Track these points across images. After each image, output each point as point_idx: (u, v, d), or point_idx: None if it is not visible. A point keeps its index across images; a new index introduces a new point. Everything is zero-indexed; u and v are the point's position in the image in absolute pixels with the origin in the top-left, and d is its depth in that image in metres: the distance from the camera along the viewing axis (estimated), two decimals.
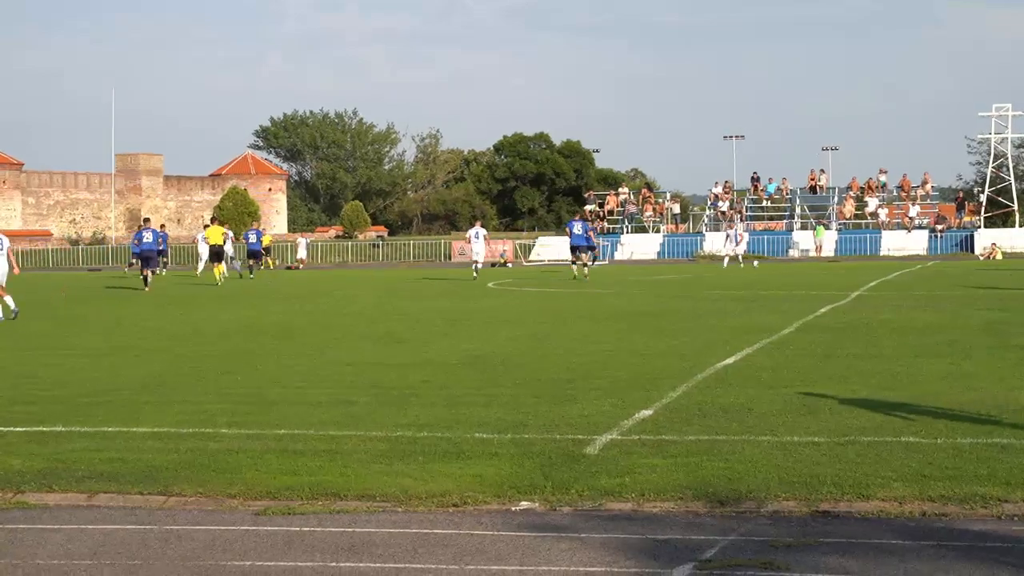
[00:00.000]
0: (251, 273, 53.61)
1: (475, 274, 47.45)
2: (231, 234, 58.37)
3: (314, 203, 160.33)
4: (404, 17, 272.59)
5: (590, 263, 48.57)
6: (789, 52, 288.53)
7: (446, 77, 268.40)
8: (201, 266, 57.70)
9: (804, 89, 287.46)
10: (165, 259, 56.87)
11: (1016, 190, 78.77)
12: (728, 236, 62.43)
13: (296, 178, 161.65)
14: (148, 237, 43.38)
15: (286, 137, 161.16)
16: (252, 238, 55.49)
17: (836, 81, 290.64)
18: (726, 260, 59.79)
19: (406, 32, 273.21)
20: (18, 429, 12.16)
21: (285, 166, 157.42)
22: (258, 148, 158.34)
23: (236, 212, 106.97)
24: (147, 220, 49.84)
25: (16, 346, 21.30)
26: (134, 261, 51.91)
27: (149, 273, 42.38)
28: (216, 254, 49.55)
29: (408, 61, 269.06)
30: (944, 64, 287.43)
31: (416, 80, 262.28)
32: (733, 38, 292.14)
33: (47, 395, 14.67)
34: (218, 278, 47.55)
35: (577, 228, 47.14)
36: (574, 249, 47.38)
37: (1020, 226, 77.42)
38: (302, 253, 78.29)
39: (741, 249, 61.60)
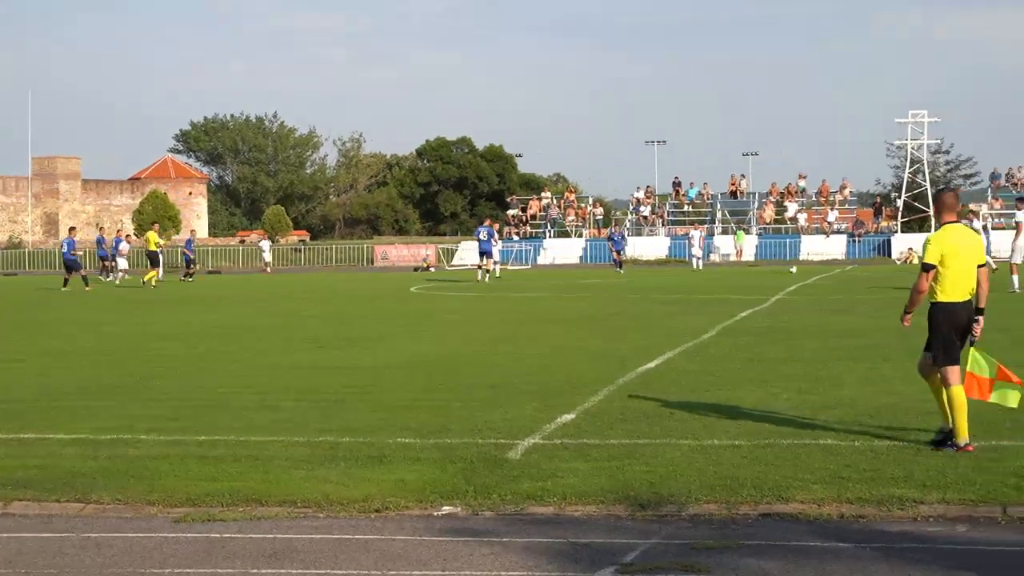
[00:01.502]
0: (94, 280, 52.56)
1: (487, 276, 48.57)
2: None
3: (235, 207, 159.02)
4: (322, 17, 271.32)
5: (493, 268, 50.27)
6: (710, 57, 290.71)
7: (368, 82, 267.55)
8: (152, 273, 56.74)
9: (725, 94, 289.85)
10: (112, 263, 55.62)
11: (932, 195, 79.87)
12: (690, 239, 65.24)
13: (217, 182, 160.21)
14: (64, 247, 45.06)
15: (207, 141, 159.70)
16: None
17: (757, 87, 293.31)
18: (697, 262, 62.05)
19: (328, 35, 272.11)
20: None
21: (206, 170, 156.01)
22: (178, 152, 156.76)
23: (156, 216, 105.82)
24: (72, 229, 50.12)
25: None
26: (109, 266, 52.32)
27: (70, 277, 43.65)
28: (151, 259, 49.70)
29: (329, 65, 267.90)
30: (862, 70, 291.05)
31: (338, 84, 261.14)
32: (655, 42, 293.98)
33: None
34: (154, 281, 47.66)
35: (483, 234, 49.15)
36: (483, 254, 49.11)
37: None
38: (267, 257, 75.24)
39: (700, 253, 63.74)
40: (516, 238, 79.48)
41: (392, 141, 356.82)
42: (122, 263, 54.15)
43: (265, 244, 78.03)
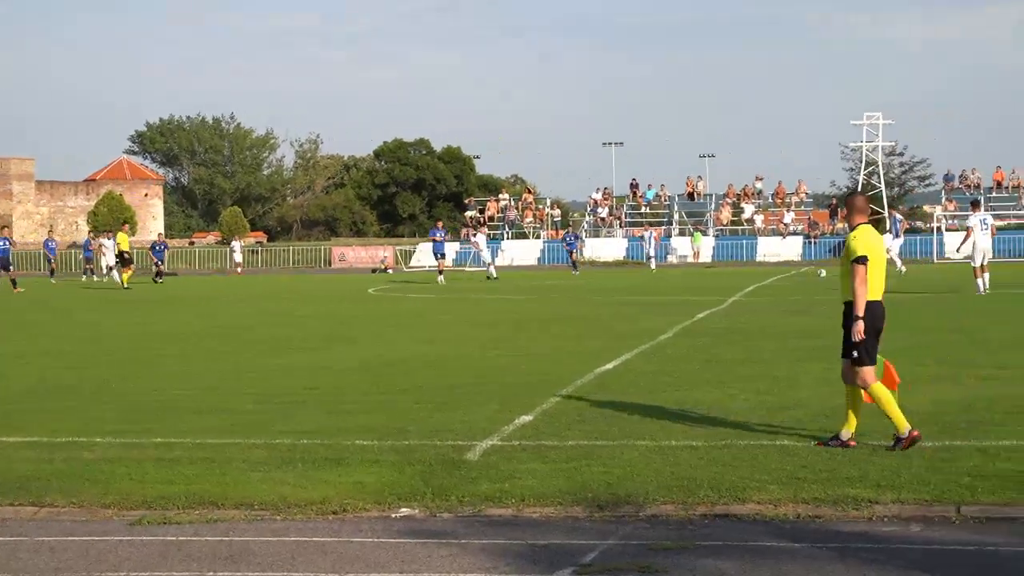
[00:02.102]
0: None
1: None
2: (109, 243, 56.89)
3: (192, 209, 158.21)
4: (275, 18, 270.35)
5: (488, 269, 51.85)
6: (667, 58, 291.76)
7: (325, 82, 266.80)
8: (116, 274, 56.11)
9: (682, 96, 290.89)
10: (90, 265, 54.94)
11: (887, 197, 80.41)
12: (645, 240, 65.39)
13: (173, 183, 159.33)
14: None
15: (162, 142, 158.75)
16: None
17: (713, 88, 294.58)
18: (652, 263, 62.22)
19: (284, 35, 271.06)
20: None
21: (162, 171, 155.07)
22: (133, 153, 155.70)
23: (111, 218, 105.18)
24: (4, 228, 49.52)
25: None
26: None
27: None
28: (123, 259, 49.35)
29: (287, 66, 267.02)
30: (818, 73, 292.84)
31: (295, 85, 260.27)
32: (612, 43, 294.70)
33: None
34: (125, 283, 47.44)
35: (439, 236, 50.17)
36: (439, 255, 50.06)
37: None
38: (238, 258, 73.29)
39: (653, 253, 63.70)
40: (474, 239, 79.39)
41: (349, 142, 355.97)
42: (111, 259, 53.49)
43: (236, 245, 76.15)
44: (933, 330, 21.63)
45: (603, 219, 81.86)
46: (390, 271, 68.27)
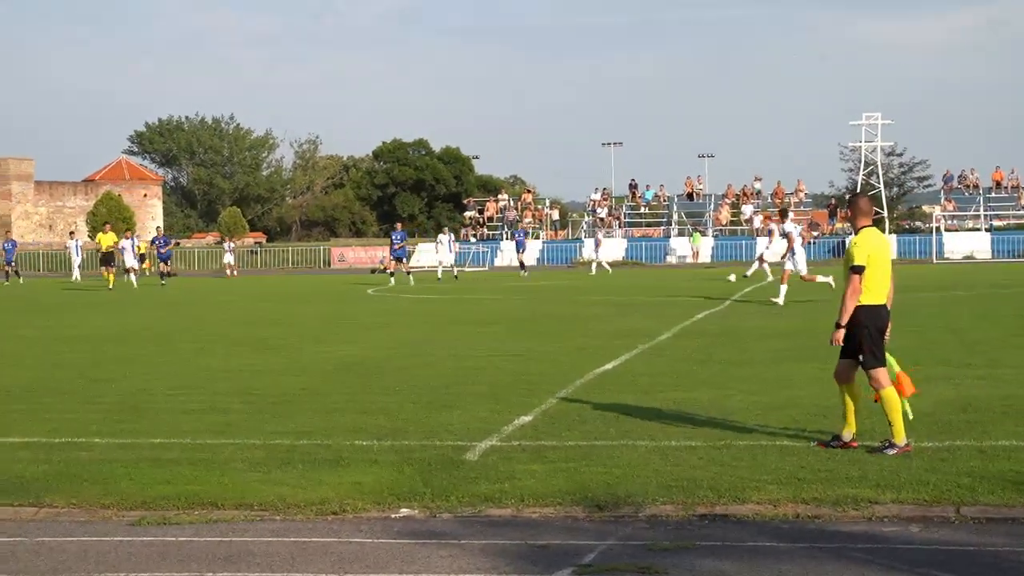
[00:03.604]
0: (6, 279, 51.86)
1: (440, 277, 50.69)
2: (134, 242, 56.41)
3: (191, 209, 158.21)
4: (278, 18, 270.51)
5: (449, 270, 52.17)
6: (666, 58, 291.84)
7: (324, 83, 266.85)
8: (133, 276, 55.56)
9: (681, 96, 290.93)
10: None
11: (886, 197, 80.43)
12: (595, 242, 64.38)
13: (172, 184, 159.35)
14: None
15: (161, 142, 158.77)
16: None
17: (712, 88, 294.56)
18: (594, 266, 60.69)
19: (283, 36, 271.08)
20: None
21: (161, 171, 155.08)
22: (133, 153, 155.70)
23: (110, 218, 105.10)
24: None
25: None
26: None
27: None
28: (106, 259, 49.21)
29: (285, 66, 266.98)
30: (817, 72, 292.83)
31: (294, 85, 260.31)
32: (611, 43, 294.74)
33: None
34: (112, 284, 47.34)
35: (398, 238, 50.32)
36: (399, 259, 50.21)
37: (890, 232, 79.11)
38: (229, 258, 70.53)
39: (601, 255, 62.58)
40: (473, 240, 79.40)
41: (348, 143, 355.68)
42: (130, 261, 52.96)
43: (227, 245, 74.05)
44: (929, 330, 21.63)
45: (602, 219, 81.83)
46: (389, 272, 68.20)
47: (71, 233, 65.65)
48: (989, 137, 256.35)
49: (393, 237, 50.45)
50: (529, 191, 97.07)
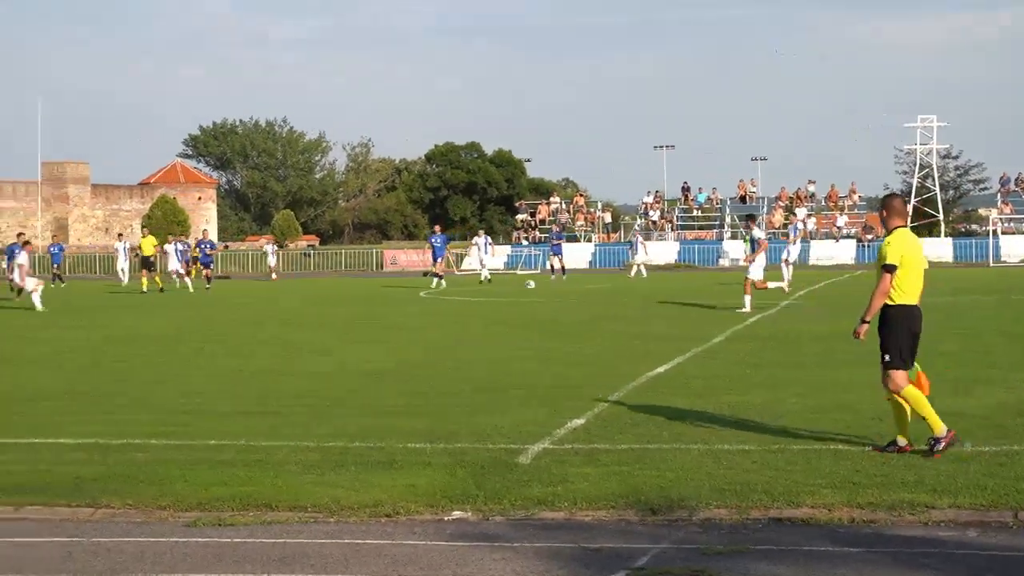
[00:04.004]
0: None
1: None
2: (180, 246, 56.34)
3: (244, 212, 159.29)
4: (335, 24, 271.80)
5: (483, 272, 51.77)
6: (719, 61, 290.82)
7: (377, 86, 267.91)
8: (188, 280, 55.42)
9: (734, 99, 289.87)
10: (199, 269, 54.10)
11: (941, 200, 79.86)
12: (631, 245, 64.23)
13: (226, 187, 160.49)
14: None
15: (216, 145, 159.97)
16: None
17: (765, 91, 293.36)
18: (633, 270, 60.54)
19: (336, 39, 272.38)
20: None
21: (215, 175, 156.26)
22: (187, 157, 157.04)
23: (165, 221, 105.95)
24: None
25: None
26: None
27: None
28: (146, 264, 49.34)
29: (338, 69, 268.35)
30: (872, 74, 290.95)
31: (347, 89, 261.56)
32: (664, 45, 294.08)
33: None
34: (146, 287, 47.57)
35: (438, 241, 50.02)
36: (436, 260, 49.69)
37: (945, 236, 78.47)
38: (272, 261, 68.20)
39: (639, 258, 62.14)
40: (525, 243, 79.42)
41: (401, 146, 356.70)
42: (173, 264, 52.83)
43: (269, 248, 72.68)
44: (984, 333, 21.44)
45: (655, 222, 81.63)
46: (436, 274, 68.31)
47: (119, 235, 65.85)
48: None
49: (432, 240, 50.53)
50: (581, 194, 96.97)
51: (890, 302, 10.74)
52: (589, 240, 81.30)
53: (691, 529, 8.43)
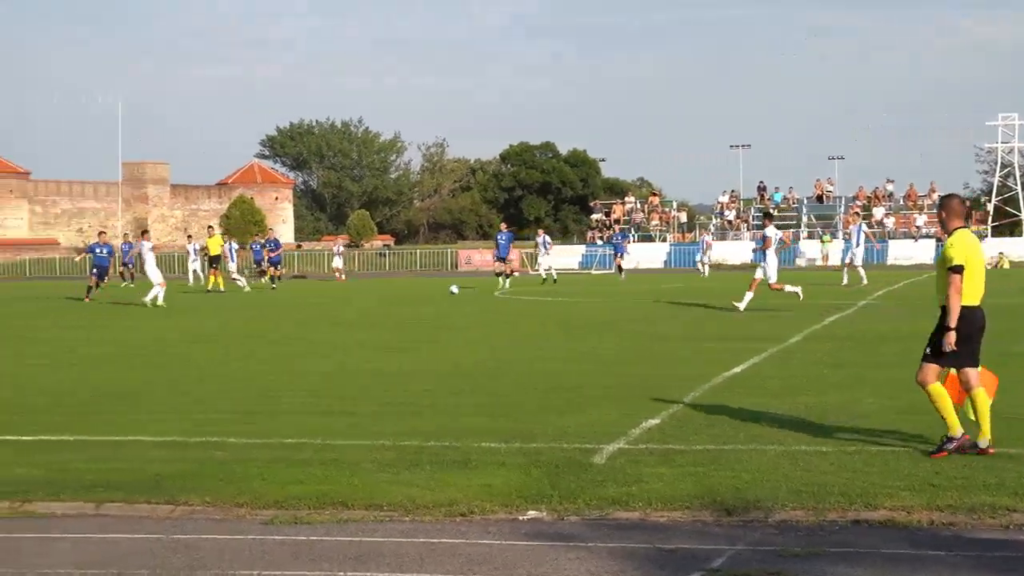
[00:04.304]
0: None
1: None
2: (234, 245, 56.67)
3: (320, 212, 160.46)
4: (410, 23, 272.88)
5: (510, 273, 50.37)
6: (796, 60, 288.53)
7: (452, 86, 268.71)
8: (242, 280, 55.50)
9: (810, 98, 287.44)
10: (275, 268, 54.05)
11: (1023, 199, 78.70)
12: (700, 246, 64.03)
13: (302, 187, 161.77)
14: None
15: (292, 146, 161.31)
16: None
17: (842, 89, 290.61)
18: (706, 269, 60.57)
19: (412, 40, 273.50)
20: (25, 438, 12.18)
21: (291, 175, 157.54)
22: (264, 157, 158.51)
23: (243, 221, 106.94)
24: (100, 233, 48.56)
25: (19, 353, 21.33)
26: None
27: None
28: (213, 262, 49.71)
29: (414, 69, 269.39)
30: (951, 72, 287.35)
31: (422, 89, 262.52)
32: (739, 45, 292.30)
33: (51, 403, 14.70)
34: (211, 286, 48.02)
35: (503, 238, 49.63)
36: (502, 259, 49.51)
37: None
38: (338, 262, 66.70)
39: (708, 258, 62.07)
40: (600, 243, 79.36)
41: (476, 146, 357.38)
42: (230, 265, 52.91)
43: (337, 248, 70.75)
44: None
45: (730, 222, 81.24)
46: (515, 274, 68.44)
47: (188, 236, 66.34)
48: None
49: (499, 239, 50.16)
50: (656, 193, 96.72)
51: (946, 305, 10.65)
52: (664, 240, 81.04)
53: (767, 531, 8.37)
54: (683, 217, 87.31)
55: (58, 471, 10.52)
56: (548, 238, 57.01)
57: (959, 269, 10.56)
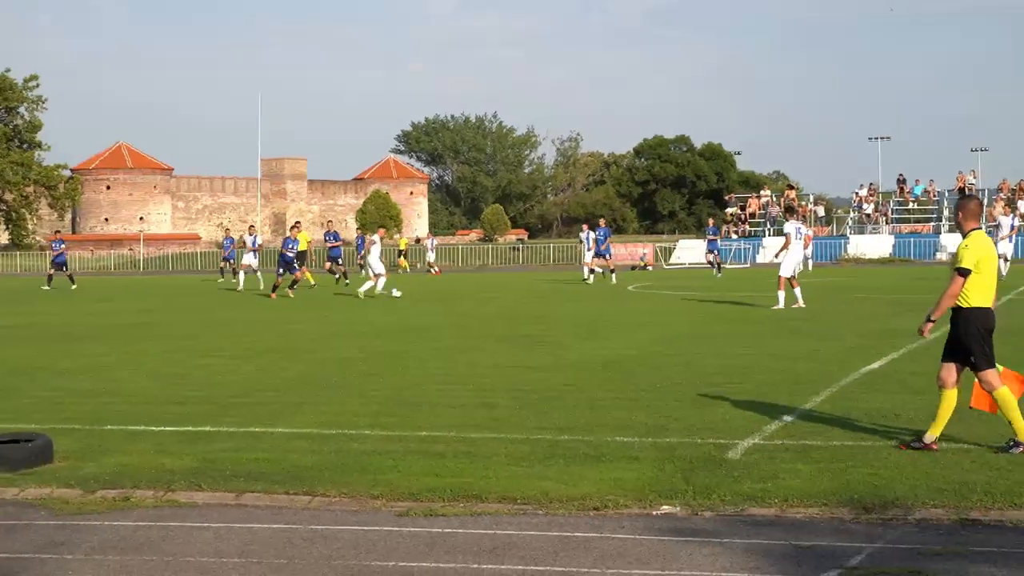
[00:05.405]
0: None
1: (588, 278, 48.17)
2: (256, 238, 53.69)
3: (455, 206, 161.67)
4: (544, 18, 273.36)
5: (604, 269, 49.21)
6: (936, 50, 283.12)
7: (587, 79, 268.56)
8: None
9: (952, 89, 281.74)
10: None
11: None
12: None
13: (437, 182, 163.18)
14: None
15: (427, 141, 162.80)
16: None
17: (985, 80, 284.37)
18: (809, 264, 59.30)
19: (546, 34, 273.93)
20: (169, 429, 12.46)
21: (426, 170, 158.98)
22: (400, 152, 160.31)
23: (379, 216, 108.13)
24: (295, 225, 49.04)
25: (167, 348, 21.79)
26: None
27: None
28: (301, 258, 49.23)
29: (548, 63, 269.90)
30: None
31: (556, 83, 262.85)
32: (877, 36, 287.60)
33: (196, 395, 15.01)
34: (312, 281, 47.38)
35: (600, 234, 48.60)
36: (601, 255, 48.56)
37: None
38: (431, 257, 67.19)
39: (807, 252, 58.84)
40: (735, 237, 78.66)
41: (610, 140, 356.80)
42: (247, 258, 51.16)
43: (429, 243, 69.27)
44: None
45: (868, 215, 79.91)
46: (650, 268, 68.16)
47: (250, 228, 65.76)
48: None
49: (597, 234, 48.80)
50: (792, 187, 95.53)
51: (966, 305, 10.64)
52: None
53: (907, 529, 8.22)
54: (821, 211, 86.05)
55: (200, 461, 10.74)
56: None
57: (965, 272, 10.59)
